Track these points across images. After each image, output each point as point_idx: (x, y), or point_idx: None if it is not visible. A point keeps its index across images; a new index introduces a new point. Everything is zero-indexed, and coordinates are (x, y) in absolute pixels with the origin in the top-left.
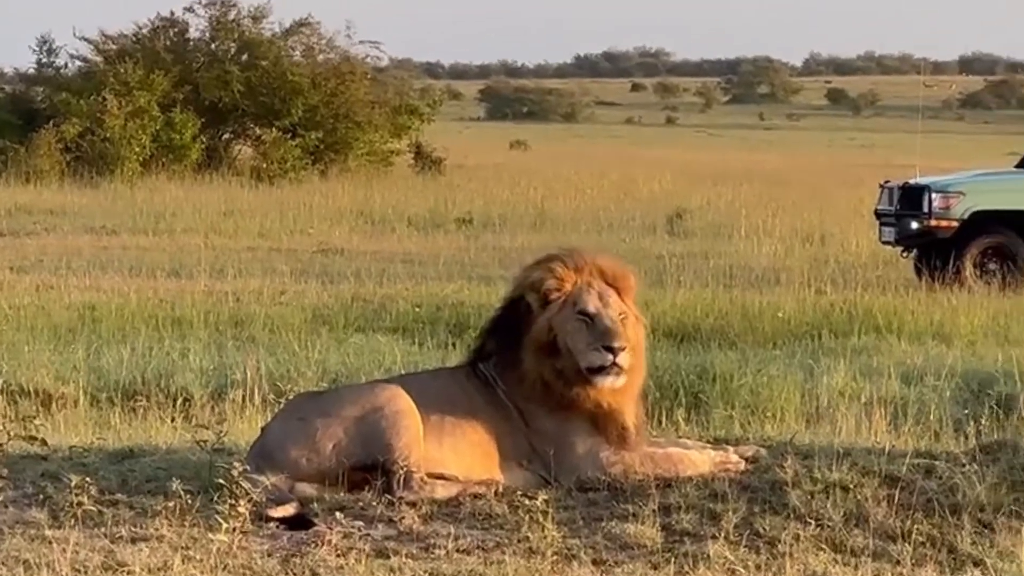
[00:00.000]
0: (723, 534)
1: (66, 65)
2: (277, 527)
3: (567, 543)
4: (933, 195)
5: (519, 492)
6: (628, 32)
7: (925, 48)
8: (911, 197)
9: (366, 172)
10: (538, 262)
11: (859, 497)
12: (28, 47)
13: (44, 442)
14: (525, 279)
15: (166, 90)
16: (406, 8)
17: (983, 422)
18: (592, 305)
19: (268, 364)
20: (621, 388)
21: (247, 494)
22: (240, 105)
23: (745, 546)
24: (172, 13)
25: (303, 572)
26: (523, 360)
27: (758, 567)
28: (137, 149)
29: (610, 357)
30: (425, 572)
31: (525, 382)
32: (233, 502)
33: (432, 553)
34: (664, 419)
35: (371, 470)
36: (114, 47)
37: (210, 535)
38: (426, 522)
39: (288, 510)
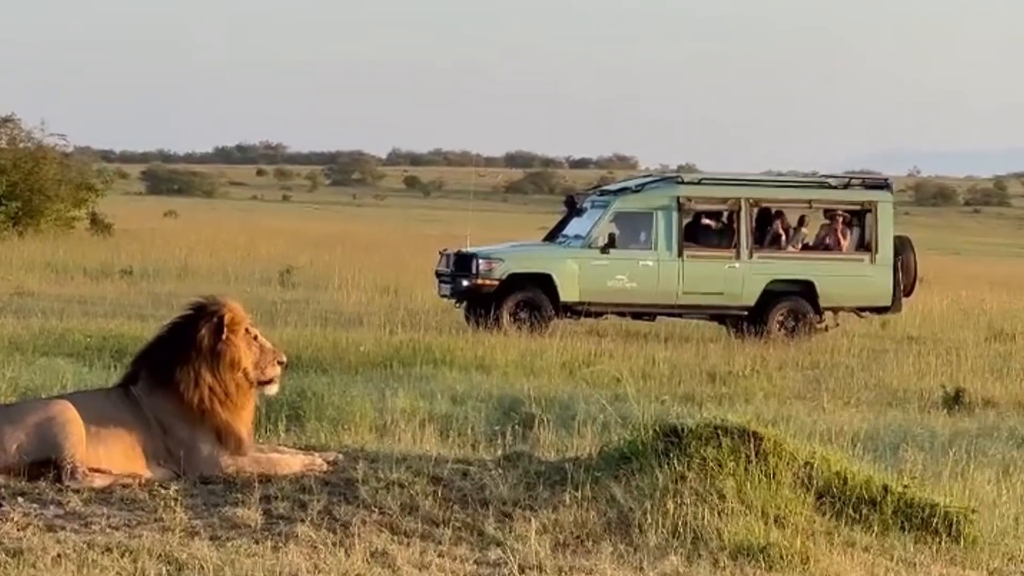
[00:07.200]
0: (309, 518)
1: None
2: None
3: (192, 523)
4: (480, 261)
5: (157, 483)
6: (255, 129)
7: (480, 146)
8: (463, 262)
9: (54, 234)
10: (211, 304)
11: (412, 492)
12: None
13: None
14: (210, 316)
15: None
16: (88, 108)
17: (508, 436)
18: (259, 334)
19: None
20: (248, 406)
21: None
22: None
23: (325, 528)
24: None
25: None
26: (190, 377)
27: (335, 544)
28: None
29: (279, 369)
30: (84, 543)
31: (188, 394)
32: None
33: (91, 528)
34: (269, 429)
35: (45, 465)
36: None
37: None
38: (86, 505)
39: None
